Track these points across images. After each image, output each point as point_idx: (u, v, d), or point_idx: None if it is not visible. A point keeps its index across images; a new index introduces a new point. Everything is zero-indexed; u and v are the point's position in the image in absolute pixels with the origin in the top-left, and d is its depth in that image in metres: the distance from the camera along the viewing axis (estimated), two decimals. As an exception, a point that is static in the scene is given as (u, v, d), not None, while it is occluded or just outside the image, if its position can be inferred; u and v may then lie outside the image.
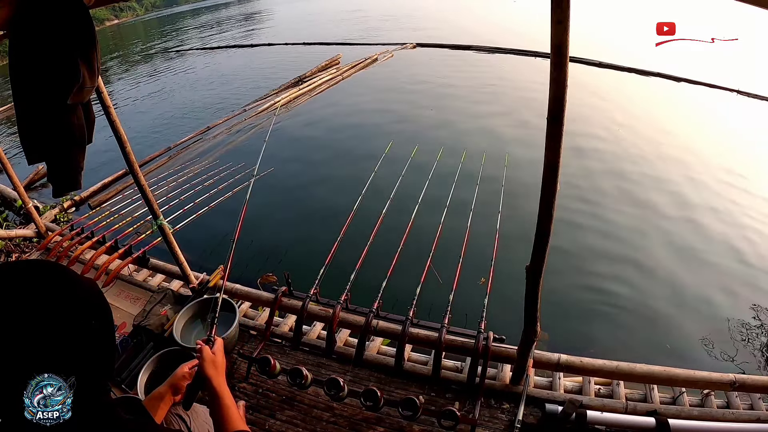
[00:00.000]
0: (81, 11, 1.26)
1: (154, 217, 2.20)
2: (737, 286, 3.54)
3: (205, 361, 1.08)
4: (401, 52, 12.16)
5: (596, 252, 3.99)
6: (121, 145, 1.93)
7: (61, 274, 0.64)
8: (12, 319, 0.57)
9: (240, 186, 4.52)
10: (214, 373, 1.05)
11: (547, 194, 1.31)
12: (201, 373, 1.07)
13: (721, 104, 7.33)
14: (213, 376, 1.04)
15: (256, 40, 17.32)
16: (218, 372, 1.06)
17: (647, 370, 1.77)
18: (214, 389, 1.01)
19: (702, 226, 4.26)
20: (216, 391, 1.01)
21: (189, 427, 1.22)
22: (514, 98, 7.98)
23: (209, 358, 1.09)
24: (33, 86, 1.29)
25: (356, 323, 2.12)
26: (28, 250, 3.39)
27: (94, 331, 0.64)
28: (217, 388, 1.02)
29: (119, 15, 47.39)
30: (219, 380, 1.04)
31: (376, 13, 20.55)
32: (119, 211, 3.80)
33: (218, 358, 1.10)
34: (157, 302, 2.36)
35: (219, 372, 1.07)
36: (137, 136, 7.72)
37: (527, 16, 14.28)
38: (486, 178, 3.62)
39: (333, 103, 8.56)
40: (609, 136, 6.30)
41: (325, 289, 2.27)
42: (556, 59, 1.09)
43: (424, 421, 1.74)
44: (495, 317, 2.14)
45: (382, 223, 2.76)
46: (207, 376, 1.05)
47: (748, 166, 5.31)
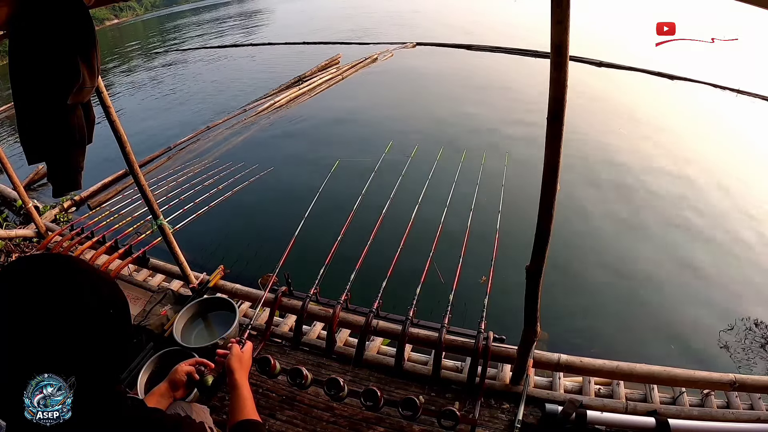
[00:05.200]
0: (81, 11, 1.26)
1: (154, 217, 2.20)
2: (737, 286, 3.54)
3: (233, 355, 1.18)
4: (401, 51, 12.15)
5: (596, 252, 3.99)
6: (121, 145, 1.93)
7: (75, 265, 0.68)
8: (34, 311, 0.59)
9: (240, 186, 4.53)
10: (238, 366, 1.15)
11: (547, 194, 1.31)
12: (227, 366, 1.16)
13: (722, 104, 7.33)
14: (237, 370, 1.14)
15: (255, 40, 17.31)
16: (242, 367, 1.17)
17: (647, 370, 1.77)
18: (235, 381, 1.11)
19: (702, 226, 4.25)
20: (237, 383, 1.10)
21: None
22: (514, 98, 7.97)
23: (237, 354, 1.19)
24: (33, 86, 1.28)
25: (356, 323, 2.12)
26: (28, 250, 3.39)
27: (112, 319, 0.67)
28: (238, 380, 1.11)
29: (119, 15, 47.42)
30: (241, 374, 1.14)
31: (376, 13, 20.54)
32: (119, 211, 3.80)
33: (245, 356, 1.21)
34: (157, 302, 2.36)
35: (243, 367, 1.17)
36: (137, 136, 7.71)
37: (528, 16, 14.27)
38: (486, 177, 3.61)
39: (333, 103, 8.55)
40: (609, 135, 6.30)
41: (325, 289, 2.26)
42: (556, 59, 1.09)
43: (424, 421, 1.74)
44: (495, 317, 2.13)
45: (382, 223, 2.76)
46: (231, 368, 1.14)
47: (747, 167, 5.31)
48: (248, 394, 1.08)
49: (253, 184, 4.83)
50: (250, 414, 1.01)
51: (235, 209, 4.74)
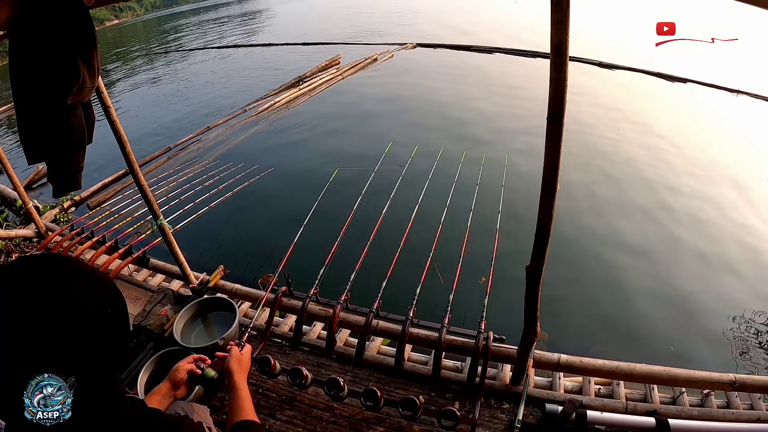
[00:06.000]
0: (81, 11, 1.26)
1: (154, 217, 2.20)
2: (737, 286, 3.54)
3: (232, 357, 1.19)
4: (401, 52, 12.15)
5: (597, 251, 3.99)
6: (121, 145, 1.93)
7: (74, 265, 0.68)
8: (34, 311, 0.59)
9: (240, 186, 4.53)
10: (237, 368, 1.17)
11: (547, 194, 1.31)
12: (226, 368, 1.17)
13: (721, 104, 7.33)
14: (236, 371, 1.15)
15: (256, 40, 17.31)
16: (241, 369, 1.18)
17: (647, 370, 1.77)
18: (234, 383, 1.13)
19: (702, 227, 4.26)
20: (236, 385, 1.12)
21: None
22: (514, 98, 7.97)
23: (236, 356, 1.20)
24: (33, 86, 1.28)
25: (356, 323, 2.12)
26: (28, 250, 3.39)
27: (110, 319, 0.67)
28: (237, 382, 1.13)
29: (119, 15, 47.46)
30: (240, 376, 1.16)
31: (376, 14, 20.55)
32: (119, 211, 3.80)
33: (244, 358, 1.22)
34: (157, 302, 2.36)
35: (242, 369, 1.18)
36: (137, 136, 7.71)
37: (528, 16, 14.28)
38: (486, 177, 3.61)
39: (333, 104, 8.55)
40: (610, 135, 6.30)
41: (325, 289, 2.27)
42: (556, 59, 1.09)
43: (424, 421, 1.74)
44: (495, 317, 2.13)
45: (382, 223, 2.76)
46: (231, 370, 1.16)
47: (747, 166, 5.31)
48: (247, 396, 1.09)
49: (253, 185, 4.83)
50: (248, 415, 1.03)
51: (236, 209, 4.74)
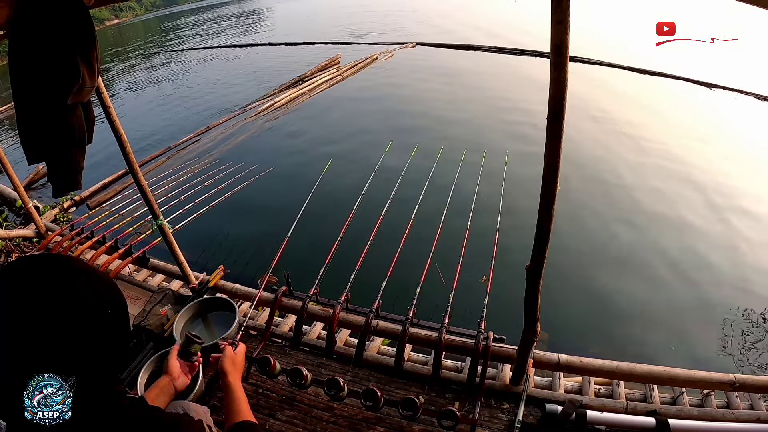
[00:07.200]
0: (81, 11, 1.26)
1: (154, 217, 2.20)
2: (737, 286, 3.54)
3: (226, 357, 1.20)
4: (402, 51, 12.16)
5: (597, 252, 3.99)
6: (121, 145, 1.93)
7: (74, 265, 0.68)
8: (34, 311, 0.59)
9: (240, 186, 4.53)
10: (231, 369, 1.17)
11: (547, 194, 1.30)
12: (220, 368, 1.17)
13: (722, 104, 7.33)
14: (230, 372, 1.16)
15: (255, 40, 17.31)
16: (235, 369, 1.18)
17: (647, 370, 1.77)
18: (229, 383, 1.12)
19: (702, 227, 4.26)
20: (231, 385, 1.12)
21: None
22: (514, 98, 7.97)
23: (230, 356, 1.21)
24: (33, 86, 1.28)
25: (356, 323, 2.12)
26: (28, 250, 3.39)
27: (110, 319, 0.67)
28: (232, 382, 1.13)
29: (119, 15, 47.46)
30: (235, 376, 1.16)
31: (376, 13, 20.53)
32: (119, 211, 3.80)
33: (238, 359, 1.22)
34: (157, 302, 2.36)
35: (236, 369, 1.19)
36: (137, 136, 7.72)
37: (528, 16, 14.27)
38: (486, 177, 3.61)
39: (333, 103, 8.56)
40: (611, 134, 6.31)
41: (325, 289, 2.26)
42: (556, 59, 1.09)
43: (424, 421, 1.74)
44: (495, 317, 2.13)
45: (382, 223, 2.75)
46: (225, 370, 1.16)
47: (747, 166, 5.31)
48: (242, 396, 1.09)
49: (253, 184, 4.84)
50: (245, 415, 1.02)
51: (236, 209, 4.74)
